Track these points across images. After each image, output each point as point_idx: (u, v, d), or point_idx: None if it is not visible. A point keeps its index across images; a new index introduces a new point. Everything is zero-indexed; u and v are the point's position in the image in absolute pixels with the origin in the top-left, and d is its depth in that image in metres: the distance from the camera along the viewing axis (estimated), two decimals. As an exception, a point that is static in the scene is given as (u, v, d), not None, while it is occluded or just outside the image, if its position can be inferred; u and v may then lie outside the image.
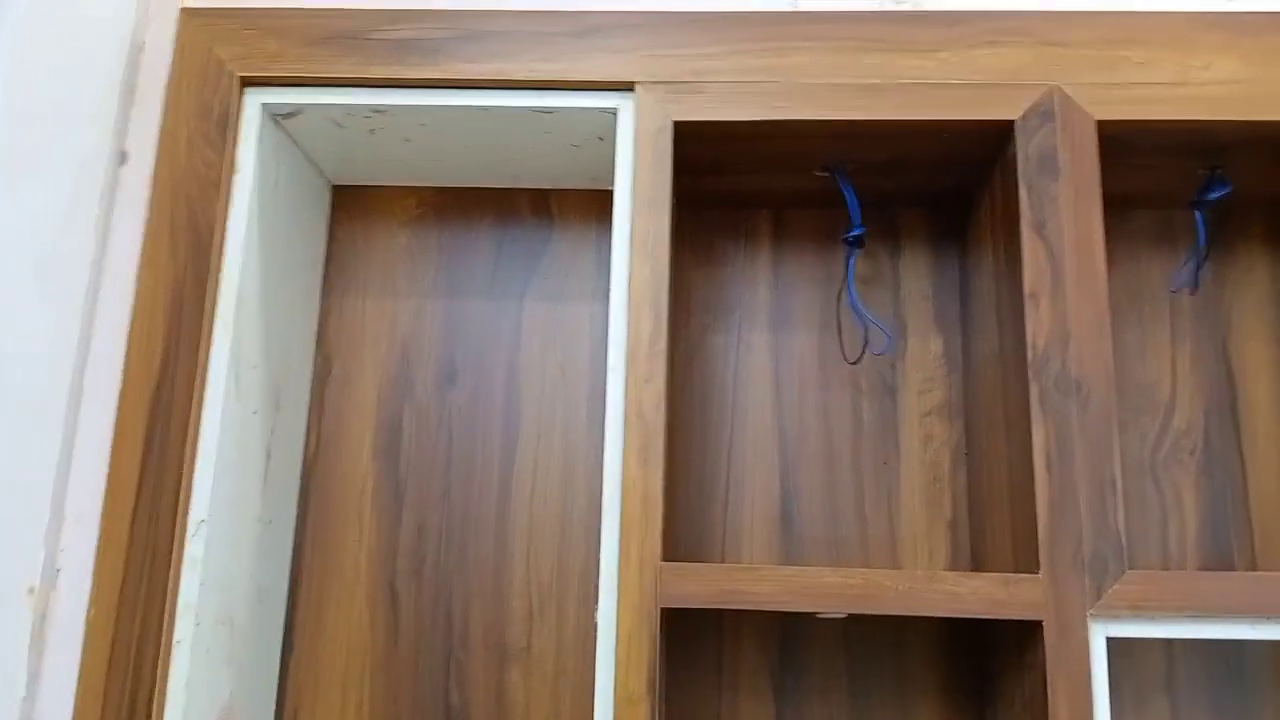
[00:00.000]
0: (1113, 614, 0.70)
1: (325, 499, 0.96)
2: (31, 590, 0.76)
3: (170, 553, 0.76)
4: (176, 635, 0.75)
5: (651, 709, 0.69)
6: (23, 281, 0.75)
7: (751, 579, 0.72)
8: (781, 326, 0.97)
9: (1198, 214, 0.89)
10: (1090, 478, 0.72)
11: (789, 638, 0.91)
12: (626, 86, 0.84)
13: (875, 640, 0.91)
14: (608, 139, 0.89)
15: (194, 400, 0.78)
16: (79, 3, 0.80)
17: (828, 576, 0.72)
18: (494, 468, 0.96)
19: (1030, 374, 0.75)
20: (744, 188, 0.96)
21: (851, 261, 0.91)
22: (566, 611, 0.92)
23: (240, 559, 0.84)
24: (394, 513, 0.95)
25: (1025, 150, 0.80)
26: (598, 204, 1.02)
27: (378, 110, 0.86)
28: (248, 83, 0.86)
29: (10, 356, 0.74)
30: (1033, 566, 0.72)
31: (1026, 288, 0.76)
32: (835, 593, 0.71)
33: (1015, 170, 0.80)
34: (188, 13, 0.87)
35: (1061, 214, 0.78)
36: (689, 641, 0.91)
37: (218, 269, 0.82)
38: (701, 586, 0.72)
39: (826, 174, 0.91)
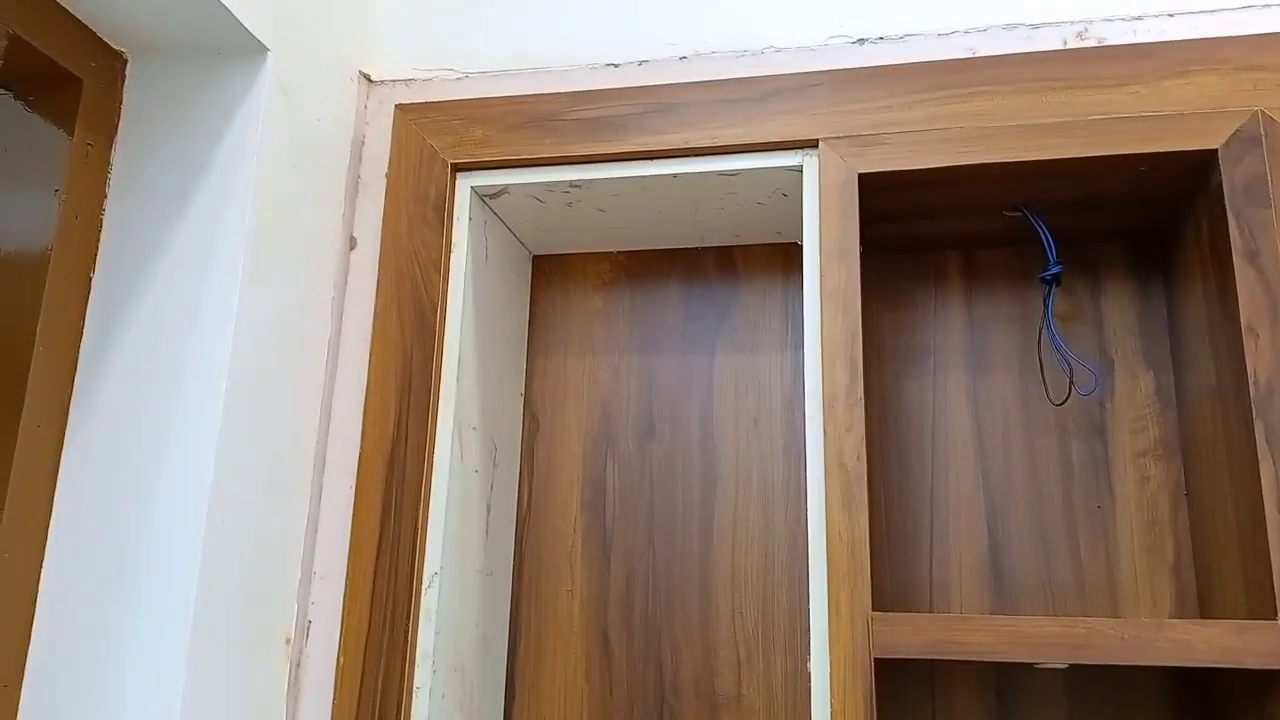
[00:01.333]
0: (1364, 664, 0.66)
1: (539, 550, 1.01)
2: (288, 640, 0.84)
3: (409, 604, 0.82)
4: (416, 682, 0.81)
5: (870, 758, 0.70)
6: (271, 362, 0.84)
7: (967, 629, 0.71)
8: (979, 369, 0.96)
9: None
10: (1329, 518, 0.69)
11: (1005, 687, 0.89)
12: (810, 144, 0.87)
13: (1098, 690, 0.87)
14: (792, 194, 0.91)
15: (425, 462, 0.85)
16: (308, 105, 0.89)
17: (1047, 625, 0.70)
18: (695, 517, 0.99)
19: (1254, 410, 0.72)
20: (931, 232, 0.97)
21: (1050, 299, 0.90)
22: (774, 660, 0.94)
23: (467, 609, 0.90)
24: (603, 563, 1.00)
25: (1231, 178, 0.77)
26: (781, 256, 1.04)
27: (574, 185, 0.92)
28: (458, 168, 0.93)
29: (262, 431, 0.82)
30: (1268, 612, 0.69)
31: (1244, 321, 0.74)
32: (1056, 642, 0.70)
33: (1222, 199, 0.77)
34: (402, 108, 0.96)
35: (1276, 242, 0.75)
36: (901, 691, 0.90)
37: (440, 340, 0.89)
38: (915, 637, 0.72)
39: (1018, 214, 0.90)
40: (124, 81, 0.85)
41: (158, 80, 0.85)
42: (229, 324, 0.79)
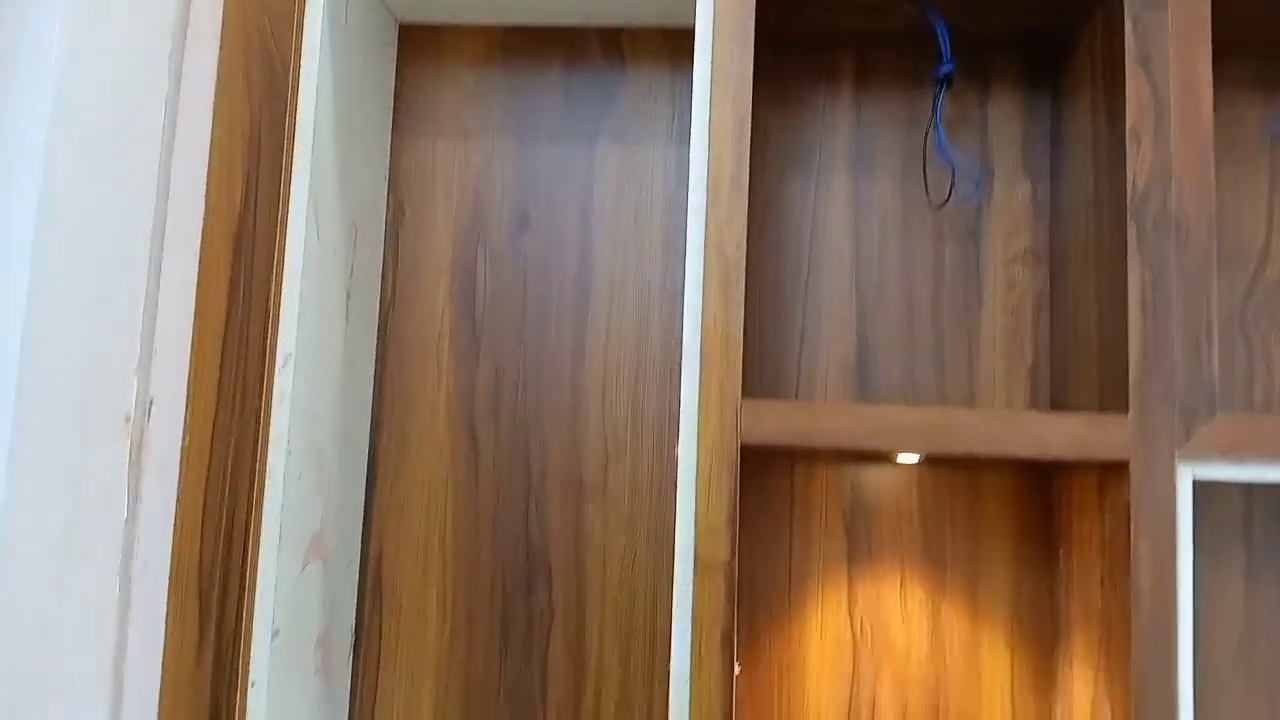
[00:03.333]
0: (1201, 456, 0.70)
1: (403, 341, 0.97)
2: (127, 418, 0.79)
3: (261, 385, 0.77)
4: (270, 463, 0.78)
5: (732, 541, 0.71)
6: (99, 119, 0.74)
7: (832, 416, 0.72)
8: (863, 170, 0.95)
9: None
10: (1186, 320, 0.71)
11: (861, 477, 0.92)
12: (710, -89, 0.80)
13: (948, 483, 0.91)
14: (686, -29, 0.85)
15: (277, 236, 0.79)
16: None
17: (910, 414, 0.71)
18: (569, 312, 0.96)
19: (1129, 213, 0.72)
20: (826, 26, 0.92)
21: (939, 101, 0.88)
22: (641, 452, 0.94)
23: (326, 394, 0.85)
24: (471, 356, 0.96)
25: (1133, -20, 0.75)
26: (671, 43, 0.98)
27: (449, -61, 0.83)
28: (316, -90, 0.83)
29: (91, 197, 0.74)
30: (1119, 410, 0.72)
31: (1129, 125, 0.73)
32: (917, 431, 0.71)
33: (1120, 6, 0.75)
34: None
35: (1169, 48, 0.74)
36: (763, 480, 0.92)
37: (293, 104, 0.81)
38: (782, 423, 0.72)
39: (914, 6, 0.86)
40: None
41: None
42: (48, 77, 0.69)
